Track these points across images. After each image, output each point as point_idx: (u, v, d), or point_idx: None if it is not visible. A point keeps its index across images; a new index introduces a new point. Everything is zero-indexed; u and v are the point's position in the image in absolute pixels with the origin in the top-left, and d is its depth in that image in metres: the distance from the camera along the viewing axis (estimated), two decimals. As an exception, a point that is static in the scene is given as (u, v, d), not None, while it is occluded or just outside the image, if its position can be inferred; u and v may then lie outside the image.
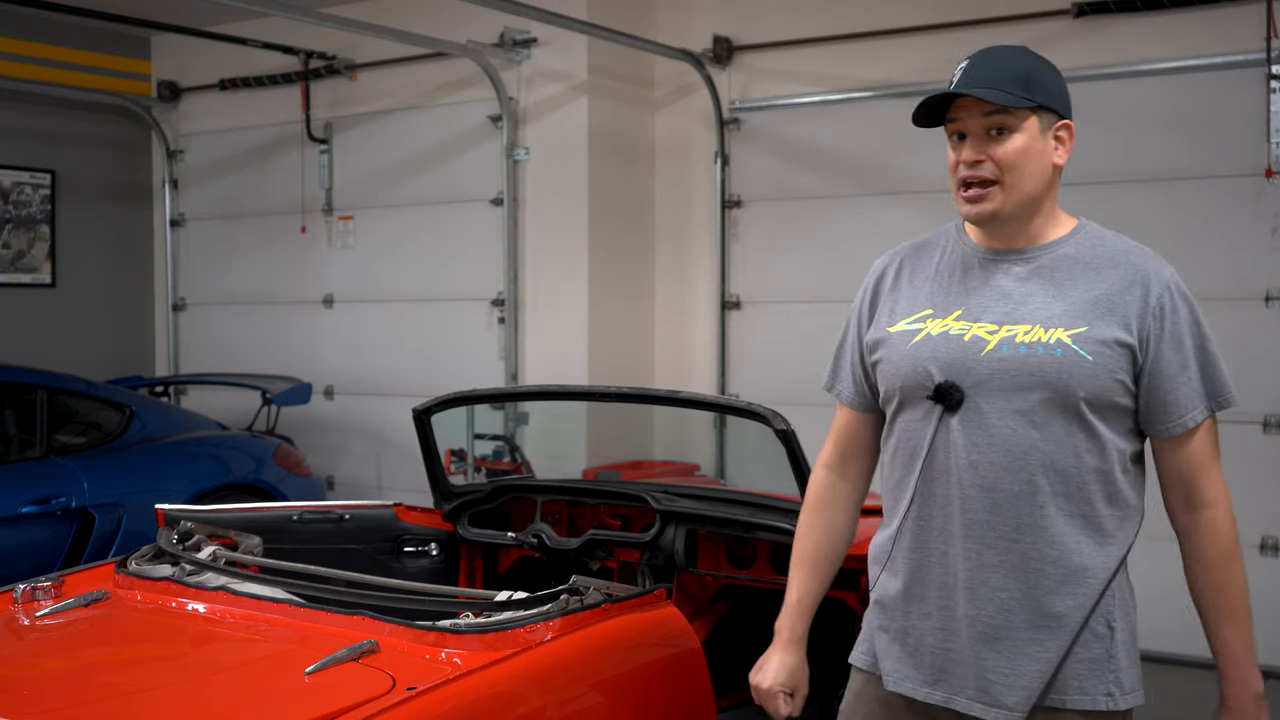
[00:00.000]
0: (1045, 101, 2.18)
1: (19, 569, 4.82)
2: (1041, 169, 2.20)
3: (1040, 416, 2.13)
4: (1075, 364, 2.12)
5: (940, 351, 2.21)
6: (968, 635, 2.18)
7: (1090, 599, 2.15)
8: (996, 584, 2.16)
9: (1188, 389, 2.16)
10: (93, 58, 8.33)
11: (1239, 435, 5.74)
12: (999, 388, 2.15)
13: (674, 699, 2.83)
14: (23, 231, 8.06)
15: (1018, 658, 2.15)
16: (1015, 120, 2.17)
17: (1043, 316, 2.16)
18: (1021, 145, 2.17)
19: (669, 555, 3.51)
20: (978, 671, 2.17)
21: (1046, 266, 2.21)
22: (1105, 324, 2.14)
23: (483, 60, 6.87)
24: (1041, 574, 2.14)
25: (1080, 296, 2.17)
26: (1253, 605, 2.28)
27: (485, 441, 7.00)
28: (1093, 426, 2.14)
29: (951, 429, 2.19)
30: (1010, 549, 2.15)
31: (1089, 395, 2.12)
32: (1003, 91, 2.15)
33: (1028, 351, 2.14)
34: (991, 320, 2.19)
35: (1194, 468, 2.19)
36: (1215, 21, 5.73)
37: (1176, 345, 2.15)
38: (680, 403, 3.61)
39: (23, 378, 5.77)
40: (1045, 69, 2.22)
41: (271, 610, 2.73)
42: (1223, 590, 2.21)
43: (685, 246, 7.26)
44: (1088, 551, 2.15)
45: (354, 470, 7.89)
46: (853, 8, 6.63)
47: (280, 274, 8.20)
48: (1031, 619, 2.14)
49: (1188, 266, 6.18)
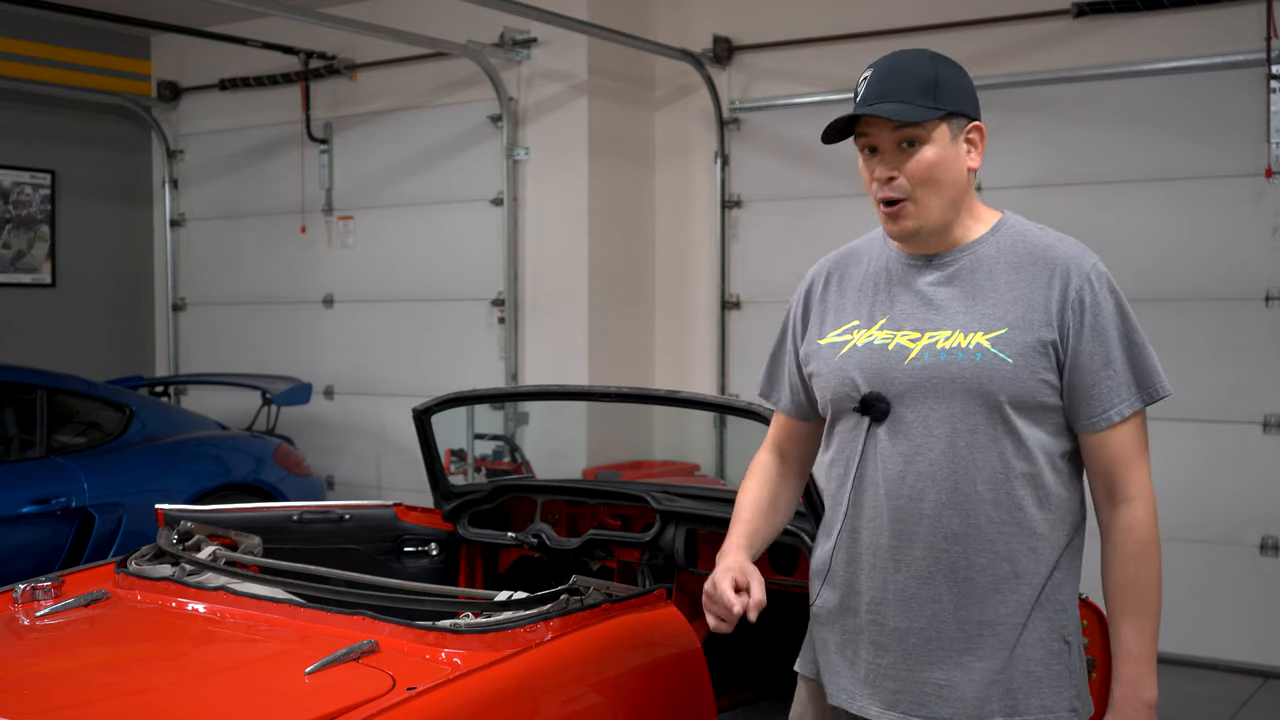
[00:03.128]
0: (954, 108, 2.13)
1: (19, 569, 4.83)
2: (956, 177, 2.14)
3: (964, 423, 2.10)
4: (995, 368, 2.09)
5: (866, 362, 2.19)
6: (900, 649, 2.15)
7: (1025, 605, 2.12)
8: (927, 595, 2.13)
9: (1112, 382, 2.10)
10: (93, 58, 8.33)
11: (1239, 435, 5.75)
12: (922, 396, 2.13)
13: (674, 699, 2.83)
14: (23, 231, 8.06)
15: (952, 669, 2.12)
16: (925, 132, 2.11)
17: (963, 321, 2.13)
18: (933, 157, 2.12)
19: (669, 555, 3.51)
20: (912, 684, 2.15)
21: (967, 269, 2.17)
22: (1025, 324, 2.10)
23: (483, 60, 6.87)
24: (972, 582, 2.11)
25: (1000, 297, 2.13)
26: (1253, 605, 2.27)
27: (485, 441, 7.00)
28: (1017, 430, 2.10)
29: (879, 440, 2.17)
30: (939, 559, 2.12)
31: (1011, 398, 2.09)
32: (910, 105, 2.09)
33: (948, 358, 2.11)
34: (913, 328, 2.17)
35: (1118, 462, 2.12)
36: (1215, 21, 5.73)
37: (1098, 338, 2.09)
38: (680, 403, 3.61)
39: (23, 378, 5.77)
40: (951, 71, 2.16)
41: (271, 610, 2.73)
42: (1130, 588, 2.12)
43: (685, 246, 7.26)
44: (1019, 557, 2.11)
45: (354, 470, 7.89)
46: (853, 8, 6.63)
47: (280, 274, 8.20)
48: (964, 629, 2.12)
49: (1188, 266, 6.24)
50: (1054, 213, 5.87)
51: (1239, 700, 5.37)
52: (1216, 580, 5.74)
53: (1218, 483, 5.76)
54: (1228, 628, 5.72)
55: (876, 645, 2.19)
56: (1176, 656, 5.73)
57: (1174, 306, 5.83)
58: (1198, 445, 5.77)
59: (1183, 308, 5.83)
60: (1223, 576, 5.73)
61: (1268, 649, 5.66)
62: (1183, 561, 5.74)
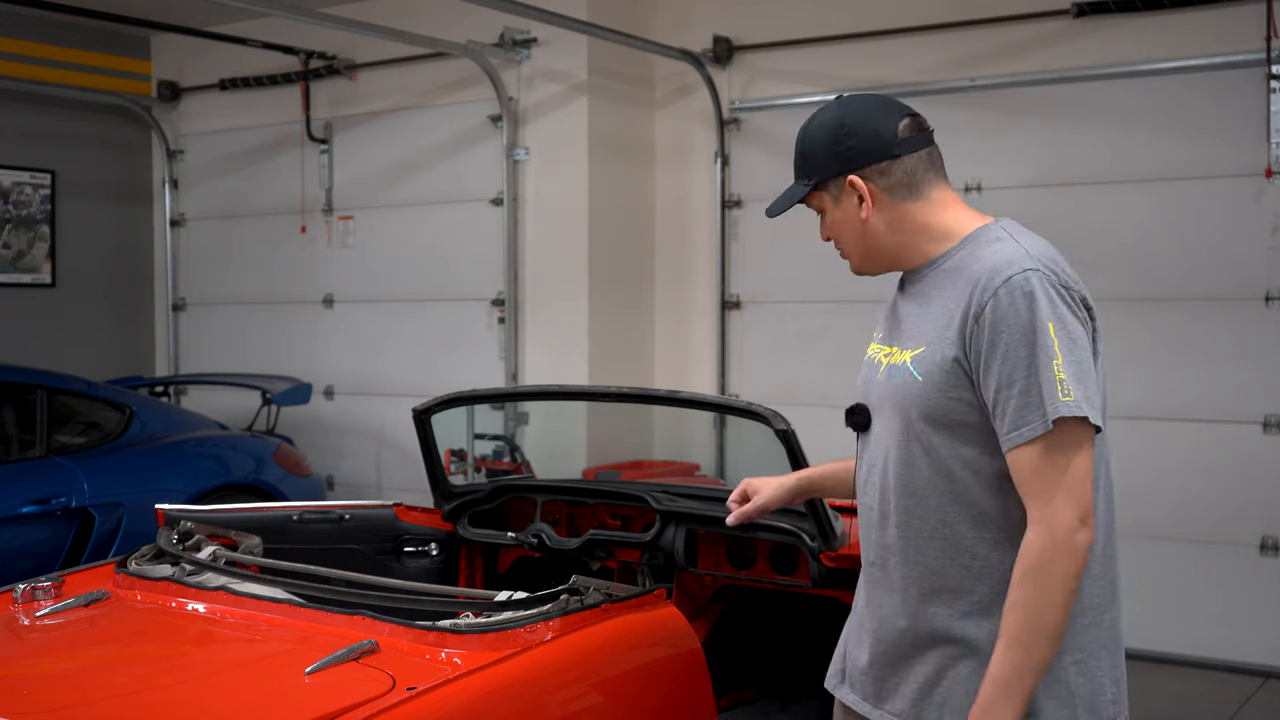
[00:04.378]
0: (819, 177, 2.23)
1: (19, 569, 4.82)
2: (856, 231, 2.24)
3: (897, 439, 2.16)
4: (908, 385, 2.13)
5: (862, 375, 2.31)
6: (872, 653, 2.24)
7: (970, 622, 2.10)
8: (878, 599, 2.23)
9: (1015, 403, 2.00)
10: (93, 58, 8.33)
11: (1239, 435, 5.75)
12: (879, 411, 2.22)
13: (674, 699, 2.83)
14: (23, 231, 8.06)
15: (902, 668, 2.19)
16: (817, 202, 2.26)
17: (906, 339, 2.19)
18: (831, 222, 2.27)
19: (669, 555, 3.51)
20: (879, 686, 2.23)
21: (928, 285, 2.19)
22: (940, 340, 2.10)
23: (483, 60, 6.87)
24: (905, 593, 2.17)
25: (929, 313, 2.15)
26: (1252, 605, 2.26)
27: (485, 441, 7.00)
28: (934, 447, 2.10)
29: (861, 449, 2.30)
30: (890, 569, 2.20)
31: (921, 415, 2.11)
32: (795, 185, 2.27)
33: (889, 374, 2.19)
34: (887, 343, 2.26)
35: (1023, 484, 2.02)
36: (1215, 21, 5.73)
37: (1001, 355, 2.01)
38: (680, 403, 3.61)
39: (23, 378, 5.77)
40: (816, 135, 2.24)
41: (271, 610, 2.73)
42: (1009, 612, 2.01)
43: (685, 246, 7.26)
44: (952, 575, 2.11)
45: (354, 470, 7.89)
46: (853, 8, 6.63)
47: (280, 274, 8.20)
48: (914, 639, 2.17)
49: (1187, 266, 6.24)
50: (1053, 213, 5.89)
51: (1239, 700, 5.37)
52: (1216, 580, 5.73)
53: (1218, 483, 5.75)
54: (1228, 628, 5.71)
55: (861, 647, 2.29)
56: (1176, 656, 5.73)
57: (1174, 306, 5.83)
58: (1198, 445, 5.76)
59: (1183, 308, 5.83)
60: (1223, 576, 5.72)
61: (1268, 649, 5.66)
62: (1183, 561, 5.75)
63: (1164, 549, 5.75)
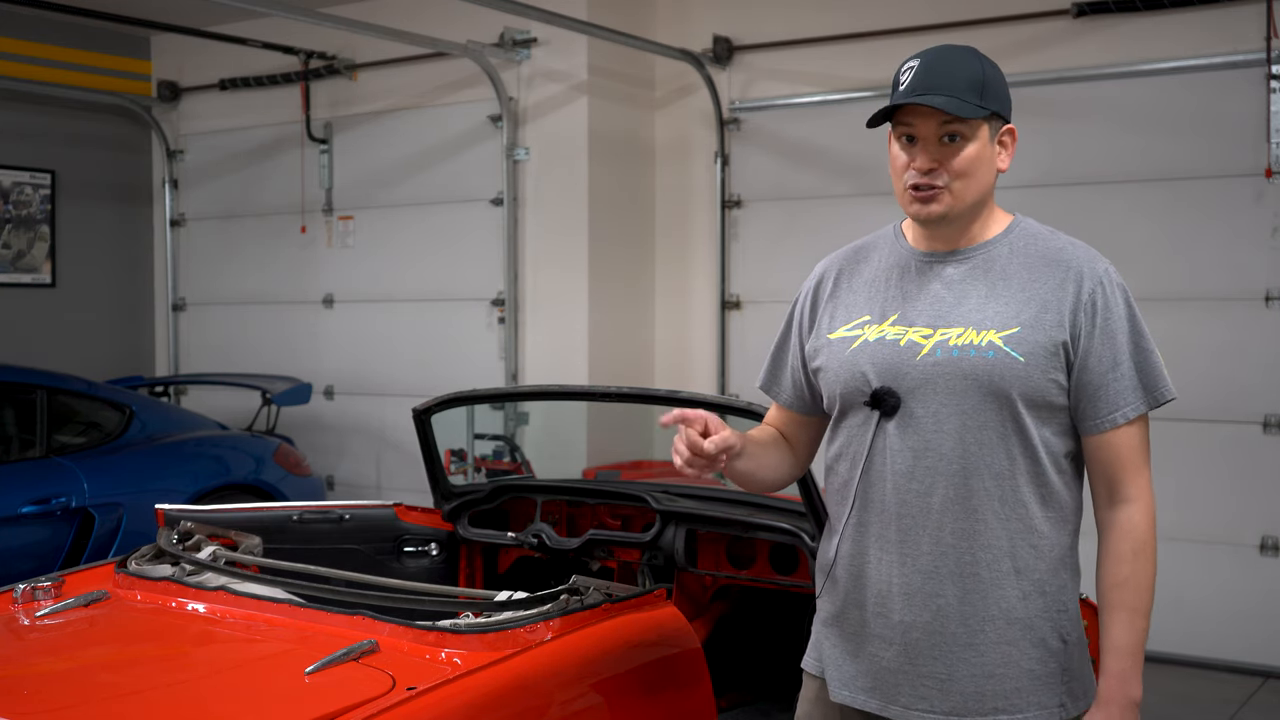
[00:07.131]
0: (997, 109, 2.20)
1: (19, 569, 4.83)
2: (989, 175, 2.22)
3: (974, 420, 2.14)
4: (1007, 365, 2.12)
5: (877, 357, 2.21)
6: (902, 642, 2.18)
7: (1026, 602, 2.14)
8: (932, 589, 2.16)
9: (1119, 385, 2.14)
10: (93, 58, 8.33)
11: (1239, 435, 5.75)
12: (933, 392, 2.16)
13: (674, 699, 2.83)
14: (23, 231, 8.06)
15: (954, 663, 2.15)
16: (969, 129, 2.16)
17: (975, 319, 2.17)
18: (974, 153, 2.18)
19: (669, 555, 3.51)
20: (914, 678, 2.18)
21: (980, 267, 2.21)
22: (1038, 323, 2.14)
23: (483, 60, 6.87)
24: (977, 578, 2.14)
25: (1014, 296, 2.17)
26: (1252, 605, 2.28)
27: (485, 441, 7.00)
28: (1026, 429, 2.14)
29: (889, 434, 2.19)
30: (946, 554, 2.15)
31: (1023, 396, 2.12)
32: (961, 100, 2.14)
33: (960, 354, 2.15)
34: (925, 324, 2.20)
35: (1121, 463, 2.16)
36: (1215, 21, 5.73)
37: (1108, 340, 2.14)
38: (680, 403, 3.60)
39: (23, 378, 5.77)
40: (995, 73, 2.22)
41: (271, 610, 2.73)
42: (1124, 586, 2.14)
43: (685, 246, 7.26)
44: (1021, 553, 2.15)
45: (354, 470, 7.89)
46: (853, 8, 6.63)
47: (280, 274, 8.20)
48: (968, 624, 2.14)
49: (1188, 266, 6.23)
50: (1054, 212, 5.86)
51: (1239, 700, 5.37)
52: (1216, 580, 5.73)
53: (1218, 483, 5.75)
54: (1228, 628, 5.71)
55: (880, 639, 2.21)
56: (1176, 656, 5.73)
57: (1174, 306, 5.83)
58: (1198, 445, 5.76)
59: (1183, 308, 5.83)
60: (1223, 576, 5.72)
61: (1268, 649, 5.66)
62: (1183, 561, 5.75)
63: (1164, 549, 5.70)
